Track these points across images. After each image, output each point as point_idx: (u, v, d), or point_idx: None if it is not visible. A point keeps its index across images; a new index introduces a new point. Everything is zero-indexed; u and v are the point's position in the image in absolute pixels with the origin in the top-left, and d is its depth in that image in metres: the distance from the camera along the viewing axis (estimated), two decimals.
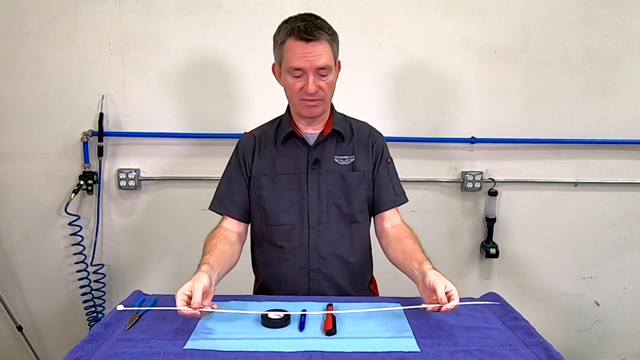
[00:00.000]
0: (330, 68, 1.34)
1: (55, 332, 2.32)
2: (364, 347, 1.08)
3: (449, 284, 1.17)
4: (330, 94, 1.40)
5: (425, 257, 1.33)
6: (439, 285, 1.15)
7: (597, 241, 2.34)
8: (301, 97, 1.36)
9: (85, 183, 2.14)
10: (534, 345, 1.12)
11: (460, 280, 2.33)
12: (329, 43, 1.33)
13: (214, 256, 1.30)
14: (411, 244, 1.40)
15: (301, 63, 1.31)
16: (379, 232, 1.53)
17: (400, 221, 1.52)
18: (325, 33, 1.32)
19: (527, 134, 2.22)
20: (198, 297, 1.10)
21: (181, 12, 2.08)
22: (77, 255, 2.21)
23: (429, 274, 1.20)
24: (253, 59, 2.10)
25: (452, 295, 1.15)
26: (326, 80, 1.35)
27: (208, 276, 1.17)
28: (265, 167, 1.46)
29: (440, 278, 1.18)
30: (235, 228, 1.48)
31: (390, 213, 1.51)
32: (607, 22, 2.15)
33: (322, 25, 1.32)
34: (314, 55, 1.31)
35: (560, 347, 1.12)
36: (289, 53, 1.32)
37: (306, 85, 1.33)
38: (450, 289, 1.16)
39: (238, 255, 1.45)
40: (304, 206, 1.45)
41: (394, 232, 1.48)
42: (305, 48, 1.30)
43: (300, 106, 1.40)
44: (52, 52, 2.08)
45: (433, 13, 2.12)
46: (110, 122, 2.15)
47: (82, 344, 1.10)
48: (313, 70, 1.32)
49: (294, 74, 1.34)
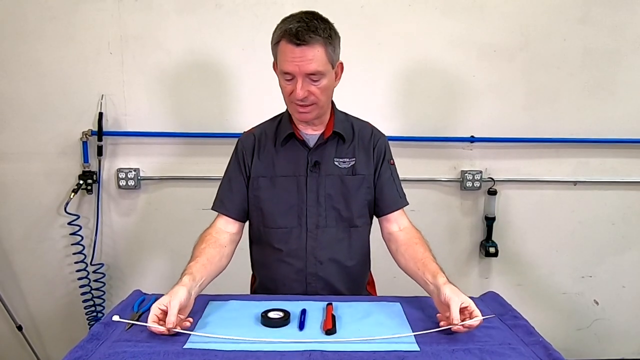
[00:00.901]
0: (322, 73, 1.29)
1: (55, 331, 2.32)
2: (363, 347, 1.08)
3: (465, 300, 1.13)
4: (325, 98, 1.35)
5: (438, 267, 1.28)
6: (454, 303, 1.12)
7: (596, 240, 2.34)
8: (292, 100, 1.33)
9: (85, 182, 2.14)
10: (533, 344, 1.12)
11: (459, 279, 2.31)
12: (324, 47, 1.27)
13: (199, 264, 1.28)
14: (422, 252, 1.36)
15: (290, 67, 1.27)
16: (386, 236, 1.49)
17: (408, 224, 1.48)
18: (318, 36, 1.25)
19: (527, 133, 2.23)
20: (173, 316, 1.08)
21: (180, 11, 2.08)
22: (76, 254, 2.21)
23: (443, 290, 1.16)
24: (252, 57, 2.10)
25: (473, 312, 1.12)
26: (318, 85, 1.30)
27: (187, 290, 1.15)
28: (264, 168, 1.45)
29: (456, 294, 1.14)
30: (229, 228, 1.45)
31: (396, 215, 1.47)
32: (606, 21, 2.15)
33: (317, 28, 1.25)
34: (304, 61, 1.25)
35: (559, 346, 1.12)
36: (281, 55, 1.29)
37: (295, 91, 1.29)
38: (467, 304, 1.13)
39: (228, 259, 1.42)
40: (302, 209, 1.43)
41: (402, 237, 1.44)
42: (295, 52, 1.25)
43: (292, 109, 1.38)
44: (51, 52, 2.08)
45: (432, 12, 2.12)
46: (110, 122, 2.15)
47: (82, 343, 1.09)
48: (302, 76, 1.28)
49: (284, 77, 1.31)
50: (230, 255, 1.44)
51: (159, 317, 1.11)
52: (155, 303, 1.12)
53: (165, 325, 1.08)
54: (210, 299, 1.32)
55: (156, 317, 1.11)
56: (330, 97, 1.40)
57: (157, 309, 1.11)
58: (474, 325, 1.12)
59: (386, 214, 1.48)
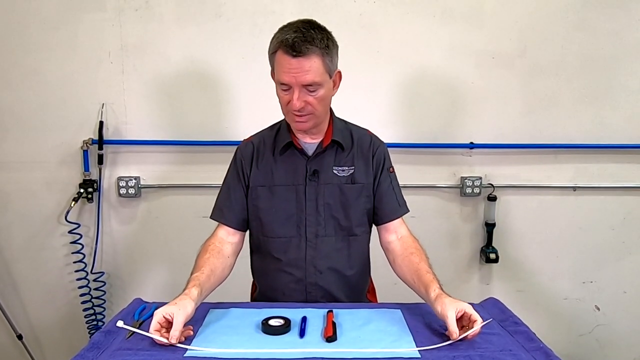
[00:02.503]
0: (319, 84, 1.28)
1: (55, 340, 2.31)
2: (364, 354, 1.08)
3: (462, 306, 1.14)
4: (322, 107, 1.34)
5: (431, 277, 1.29)
6: (450, 319, 1.12)
7: (596, 245, 2.34)
8: (289, 110, 1.33)
9: (85, 191, 2.14)
10: (534, 350, 1.12)
11: (460, 286, 2.34)
12: (320, 57, 1.26)
13: (204, 275, 1.29)
14: (417, 262, 1.36)
15: (287, 78, 1.27)
16: (385, 245, 1.49)
17: (406, 232, 1.47)
18: (315, 47, 1.25)
19: (526, 139, 2.23)
20: (177, 331, 1.09)
21: (180, 20, 2.09)
22: (77, 263, 2.21)
23: (435, 306, 1.18)
24: (252, 66, 2.10)
25: (471, 316, 1.13)
26: (315, 95, 1.30)
27: (194, 304, 1.17)
28: (263, 177, 1.44)
29: (450, 306, 1.14)
30: (231, 238, 1.45)
31: (395, 224, 1.47)
32: (603, 27, 2.16)
33: (314, 38, 1.25)
34: (300, 72, 1.25)
35: (561, 352, 1.12)
36: (278, 66, 1.29)
37: (292, 101, 1.29)
38: (464, 311, 1.14)
39: (229, 270, 1.43)
40: (301, 218, 1.43)
41: (399, 248, 1.44)
42: (292, 63, 1.25)
43: (289, 119, 1.38)
44: (52, 61, 2.09)
45: (431, 20, 2.13)
46: (110, 130, 2.16)
47: (83, 352, 1.09)
48: (299, 86, 1.27)
49: (281, 87, 1.31)
50: (232, 266, 1.45)
51: (161, 325, 1.11)
52: (160, 310, 1.12)
53: (169, 339, 1.08)
54: (211, 307, 1.32)
55: (159, 324, 1.11)
56: (327, 106, 1.39)
57: (162, 317, 1.11)
58: (476, 332, 1.12)
59: (384, 222, 1.48)
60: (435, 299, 1.20)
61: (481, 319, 1.14)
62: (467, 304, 1.16)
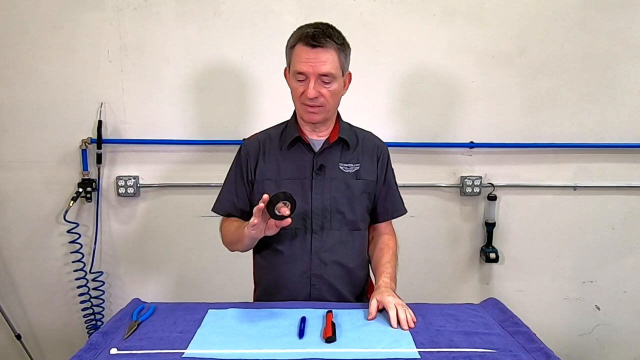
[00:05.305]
0: (334, 76, 1.35)
1: (54, 340, 2.31)
2: (363, 354, 1.08)
3: (384, 301, 1.27)
4: (333, 102, 1.41)
5: (385, 269, 1.43)
6: (371, 305, 1.29)
7: (597, 245, 2.33)
8: (302, 101, 1.38)
9: (84, 190, 2.14)
10: (535, 351, 1.12)
11: (460, 285, 2.34)
12: (337, 52, 1.35)
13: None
14: (380, 257, 1.49)
15: (304, 67, 1.34)
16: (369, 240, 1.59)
17: (389, 229, 1.58)
18: (333, 42, 1.34)
19: (526, 139, 2.23)
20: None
21: (180, 19, 2.09)
22: (75, 262, 2.20)
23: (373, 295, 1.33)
24: (251, 65, 2.10)
25: (386, 305, 1.27)
26: (329, 87, 1.36)
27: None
28: (270, 171, 1.47)
29: (375, 295, 1.31)
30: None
31: (382, 226, 1.57)
32: (604, 26, 2.15)
33: (332, 35, 1.35)
34: (318, 62, 1.33)
35: (561, 352, 1.12)
36: (296, 57, 1.36)
37: (307, 90, 1.35)
38: (381, 303, 1.28)
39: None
40: (307, 211, 1.45)
41: (375, 242, 1.56)
42: (310, 53, 1.33)
43: (301, 110, 1.43)
44: (50, 60, 2.08)
45: (431, 19, 2.13)
46: (109, 130, 2.15)
47: (81, 352, 1.09)
48: (315, 76, 1.34)
49: (297, 77, 1.37)
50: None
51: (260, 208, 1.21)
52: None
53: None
54: (210, 307, 1.32)
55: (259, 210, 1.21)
56: (337, 103, 1.45)
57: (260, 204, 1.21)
58: (408, 320, 1.22)
59: (384, 221, 1.57)
60: (376, 287, 1.37)
61: (394, 311, 1.24)
62: (392, 300, 1.27)
